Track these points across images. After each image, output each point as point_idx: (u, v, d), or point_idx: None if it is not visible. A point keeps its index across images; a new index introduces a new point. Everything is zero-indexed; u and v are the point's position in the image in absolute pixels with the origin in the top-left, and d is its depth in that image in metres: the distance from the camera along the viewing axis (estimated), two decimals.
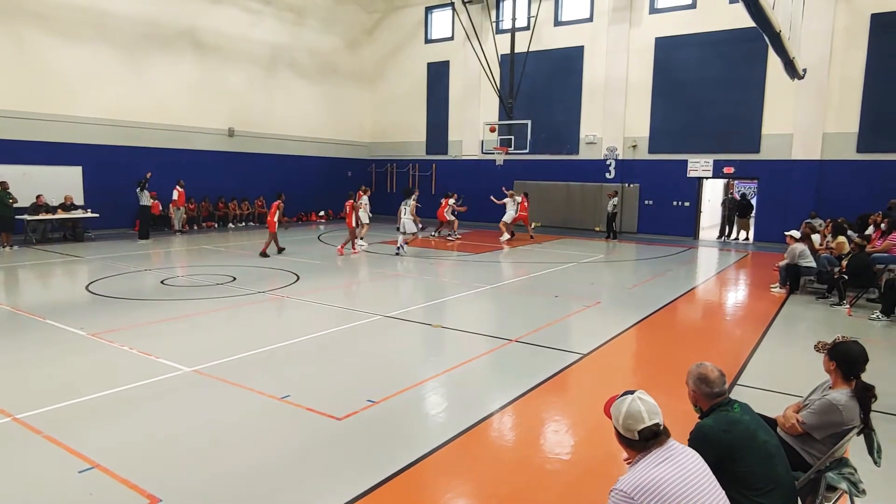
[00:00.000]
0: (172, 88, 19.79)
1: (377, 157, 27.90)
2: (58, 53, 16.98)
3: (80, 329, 7.44)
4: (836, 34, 17.22)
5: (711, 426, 2.78)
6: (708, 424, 2.80)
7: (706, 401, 2.92)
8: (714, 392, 2.88)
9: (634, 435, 2.34)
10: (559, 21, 22.33)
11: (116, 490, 3.75)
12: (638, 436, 2.34)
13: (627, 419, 2.35)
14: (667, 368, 6.64)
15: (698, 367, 2.98)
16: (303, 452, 4.35)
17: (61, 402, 5.11)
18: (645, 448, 2.34)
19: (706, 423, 2.82)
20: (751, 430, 2.78)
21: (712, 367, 2.95)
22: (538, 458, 4.39)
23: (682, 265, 14.59)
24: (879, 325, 8.69)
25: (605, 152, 21.47)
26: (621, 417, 2.37)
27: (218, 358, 6.38)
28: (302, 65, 24.30)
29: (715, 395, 2.89)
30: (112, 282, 10.77)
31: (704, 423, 2.82)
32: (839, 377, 3.33)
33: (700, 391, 2.92)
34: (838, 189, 17.27)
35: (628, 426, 2.35)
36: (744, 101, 18.70)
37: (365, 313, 8.70)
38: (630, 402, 2.38)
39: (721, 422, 2.78)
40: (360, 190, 16.80)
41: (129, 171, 18.20)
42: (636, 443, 2.35)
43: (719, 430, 2.74)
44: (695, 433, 2.80)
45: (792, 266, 10.68)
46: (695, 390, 2.94)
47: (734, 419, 2.79)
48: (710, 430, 2.76)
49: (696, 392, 2.94)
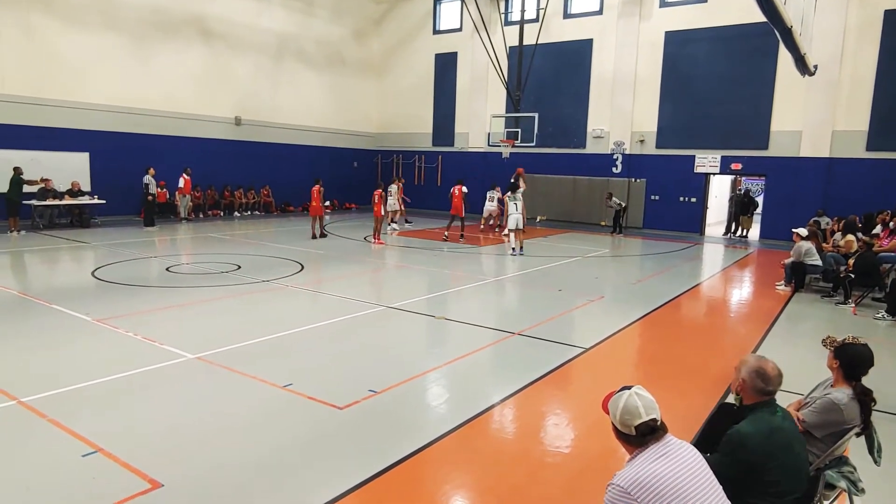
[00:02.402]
0: (180, 76, 19.80)
1: (383, 148, 27.86)
2: (66, 40, 17.01)
3: (86, 314, 7.49)
4: (848, 31, 17.03)
5: (751, 433, 2.65)
6: (747, 431, 2.66)
7: (754, 395, 2.79)
8: (767, 390, 2.76)
9: (631, 430, 2.32)
10: (568, 14, 22.18)
11: (119, 474, 3.78)
12: (635, 431, 2.31)
13: (624, 414, 2.33)
14: (669, 364, 6.64)
15: (758, 360, 2.84)
16: (304, 441, 4.38)
17: (66, 387, 5.15)
18: (642, 444, 2.32)
19: (745, 428, 2.68)
20: (789, 439, 2.70)
21: (774, 365, 2.82)
22: (538, 452, 4.41)
23: (687, 261, 14.54)
24: (884, 324, 8.65)
25: (613, 147, 21.37)
26: (618, 413, 2.35)
27: (221, 345, 6.42)
28: (309, 54, 24.25)
29: (765, 394, 2.77)
30: (118, 268, 10.82)
31: (743, 429, 2.68)
32: (840, 376, 3.32)
33: (752, 384, 2.78)
34: (847, 187, 17.14)
35: (625, 421, 2.33)
36: (753, 97, 18.55)
37: (368, 304, 8.72)
38: (627, 397, 2.36)
39: (762, 428, 2.67)
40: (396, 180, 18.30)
41: (136, 159, 18.25)
42: (633, 438, 2.33)
43: (760, 437, 2.63)
44: (733, 438, 2.67)
45: (798, 264, 10.63)
46: (746, 380, 2.80)
47: (776, 426, 2.69)
48: (750, 436, 2.63)
49: (747, 384, 2.79)
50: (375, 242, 15.17)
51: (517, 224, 13.89)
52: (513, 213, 13.93)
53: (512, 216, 13.94)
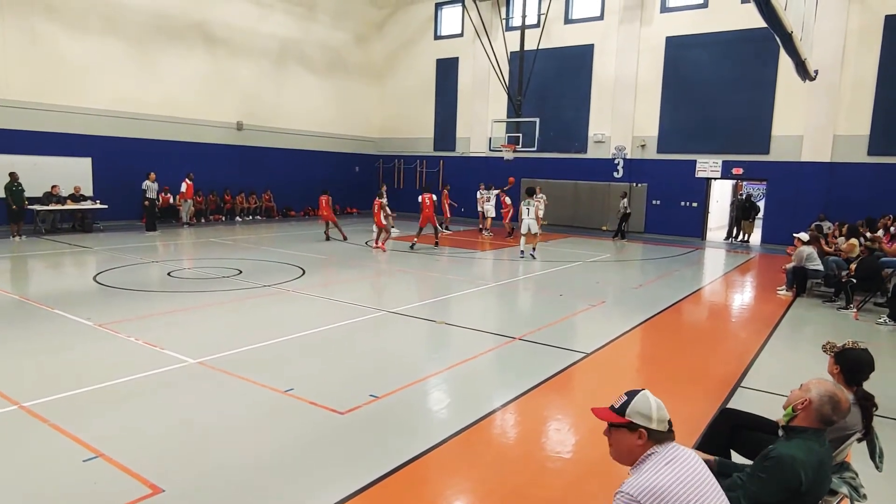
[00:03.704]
0: (182, 81, 19.88)
1: (385, 153, 27.91)
2: (68, 45, 17.09)
3: (87, 319, 7.50)
4: (849, 35, 17.07)
5: (804, 461, 2.50)
6: (801, 458, 2.51)
7: (813, 419, 2.64)
8: (831, 419, 2.65)
9: (665, 425, 2.25)
10: (569, 19, 22.24)
11: (120, 480, 3.78)
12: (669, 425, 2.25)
13: (660, 410, 2.26)
14: (671, 369, 6.63)
15: (836, 388, 2.69)
16: (305, 446, 4.37)
17: (67, 392, 5.16)
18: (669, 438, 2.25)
19: (799, 455, 2.52)
20: (827, 473, 2.62)
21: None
22: (539, 456, 4.40)
23: (689, 266, 14.54)
24: (886, 329, 8.63)
25: (614, 151, 21.39)
26: (653, 411, 2.25)
27: (223, 350, 6.42)
28: (311, 59, 24.33)
29: (829, 423, 2.65)
30: (120, 273, 10.84)
31: (798, 456, 2.52)
32: (841, 381, 3.31)
33: (820, 408, 2.63)
34: (848, 192, 17.13)
35: (662, 417, 2.25)
36: (754, 101, 18.57)
37: (370, 309, 8.72)
38: (648, 395, 2.30)
39: (813, 459, 2.54)
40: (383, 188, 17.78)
41: (138, 163, 18.31)
42: (665, 434, 2.25)
43: (811, 467, 2.51)
44: (785, 462, 2.52)
45: (799, 269, 10.62)
46: (814, 402, 2.63)
47: (823, 459, 2.58)
48: (803, 465, 2.49)
49: (814, 405, 2.63)
50: (375, 247, 15.12)
51: (529, 229, 14.17)
52: (525, 218, 14.26)
53: (525, 221, 14.26)
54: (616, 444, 2.33)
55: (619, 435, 2.32)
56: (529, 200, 14.37)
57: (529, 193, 14.65)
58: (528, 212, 14.23)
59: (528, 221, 14.21)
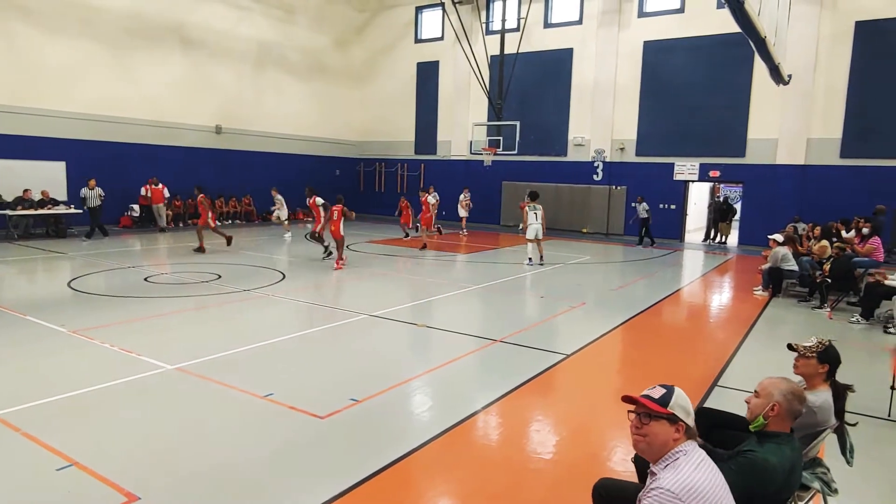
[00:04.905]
0: (159, 84, 19.62)
1: (366, 157, 27.83)
2: (42, 47, 16.78)
3: (61, 326, 7.36)
4: (821, 41, 17.43)
5: (777, 466, 2.50)
6: (775, 463, 2.51)
7: (787, 419, 2.66)
8: (801, 411, 2.69)
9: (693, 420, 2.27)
10: (549, 23, 22.42)
11: (95, 488, 3.71)
12: None
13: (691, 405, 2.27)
14: (650, 369, 6.70)
15: (789, 382, 2.72)
16: (284, 451, 4.34)
17: (40, 400, 5.05)
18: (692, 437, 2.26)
19: (772, 459, 2.52)
20: (798, 475, 2.64)
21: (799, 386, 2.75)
22: (520, 458, 4.41)
23: (668, 267, 14.71)
24: (859, 328, 8.82)
25: (593, 154, 21.58)
26: (691, 407, 2.25)
27: (201, 356, 6.34)
28: (291, 62, 24.19)
29: (798, 416, 2.68)
30: (95, 279, 10.66)
31: (771, 460, 2.52)
32: (822, 379, 3.35)
33: (789, 407, 2.65)
34: (822, 194, 17.48)
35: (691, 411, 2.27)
36: (730, 105, 18.88)
37: (350, 312, 8.68)
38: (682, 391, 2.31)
39: (786, 464, 2.54)
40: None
41: (115, 168, 18.03)
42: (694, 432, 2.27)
43: (784, 472, 2.51)
44: (758, 465, 2.51)
45: (774, 269, 10.81)
46: (782, 404, 2.65)
47: (795, 463, 2.59)
48: (776, 470, 2.50)
49: (783, 407, 2.64)
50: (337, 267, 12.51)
51: (536, 234, 13.59)
52: (532, 223, 13.57)
53: (532, 226, 13.57)
54: (652, 435, 2.25)
55: (657, 427, 2.24)
56: (535, 205, 13.69)
57: (533, 198, 13.86)
58: (536, 216, 13.56)
59: (536, 226, 13.54)
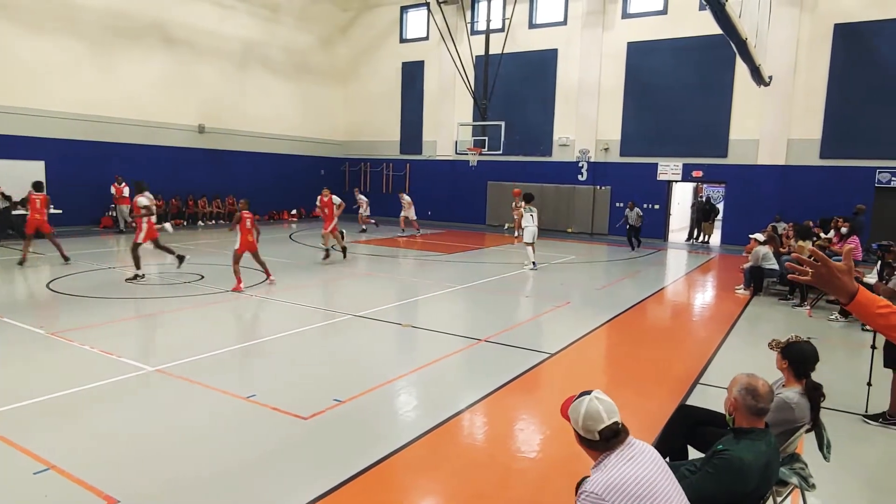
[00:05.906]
0: (141, 83, 19.36)
1: (351, 156, 27.73)
2: (21, 44, 16.48)
3: (40, 328, 7.24)
4: (800, 43, 17.68)
5: (751, 464, 2.58)
6: (748, 460, 2.59)
7: (747, 415, 2.74)
8: (759, 407, 2.74)
9: (595, 435, 2.31)
10: (533, 24, 22.49)
11: (73, 492, 3.66)
12: (598, 436, 2.30)
13: (587, 420, 2.31)
14: (634, 367, 6.75)
15: (748, 378, 2.80)
16: (267, 452, 4.30)
17: (17, 403, 4.97)
18: (607, 448, 2.31)
19: (746, 456, 2.60)
20: (774, 472, 2.68)
21: (763, 382, 2.79)
22: (504, 457, 4.42)
23: (651, 267, 14.83)
24: (837, 325, 8.97)
25: (578, 154, 21.69)
26: (580, 419, 2.33)
27: (182, 357, 6.27)
28: (275, 61, 24.02)
29: (758, 412, 2.74)
30: (74, 279, 10.50)
31: (745, 457, 2.60)
32: (791, 376, 3.42)
33: (744, 403, 2.74)
34: (802, 194, 17.73)
35: (588, 427, 2.31)
36: (712, 106, 19.08)
37: (335, 312, 8.64)
38: (588, 402, 2.34)
39: (761, 460, 2.62)
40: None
41: (95, 167, 17.75)
42: (598, 443, 2.32)
43: (758, 469, 2.59)
44: (733, 464, 2.59)
45: (756, 268, 10.95)
46: (738, 399, 2.76)
47: (770, 460, 2.66)
48: (750, 468, 2.58)
49: (739, 402, 2.75)
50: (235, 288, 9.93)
51: (534, 237, 13.35)
52: (529, 226, 13.29)
53: (528, 228, 13.29)
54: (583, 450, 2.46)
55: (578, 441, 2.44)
56: (531, 207, 13.39)
57: (528, 200, 13.56)
58: (534, 219, 13.29)
59: (533, 229, 13.27)
